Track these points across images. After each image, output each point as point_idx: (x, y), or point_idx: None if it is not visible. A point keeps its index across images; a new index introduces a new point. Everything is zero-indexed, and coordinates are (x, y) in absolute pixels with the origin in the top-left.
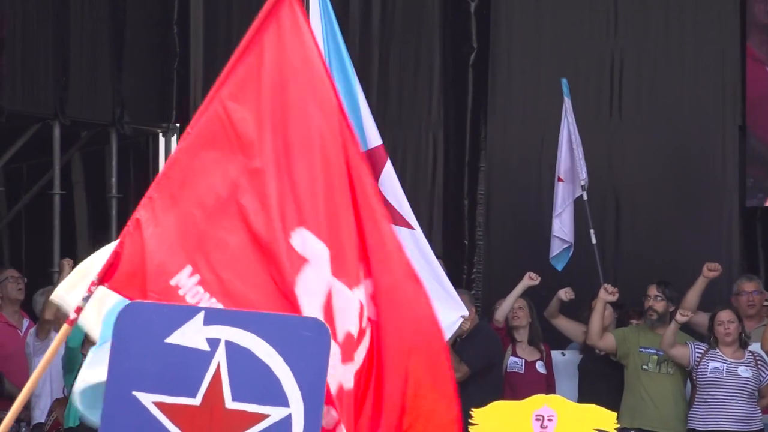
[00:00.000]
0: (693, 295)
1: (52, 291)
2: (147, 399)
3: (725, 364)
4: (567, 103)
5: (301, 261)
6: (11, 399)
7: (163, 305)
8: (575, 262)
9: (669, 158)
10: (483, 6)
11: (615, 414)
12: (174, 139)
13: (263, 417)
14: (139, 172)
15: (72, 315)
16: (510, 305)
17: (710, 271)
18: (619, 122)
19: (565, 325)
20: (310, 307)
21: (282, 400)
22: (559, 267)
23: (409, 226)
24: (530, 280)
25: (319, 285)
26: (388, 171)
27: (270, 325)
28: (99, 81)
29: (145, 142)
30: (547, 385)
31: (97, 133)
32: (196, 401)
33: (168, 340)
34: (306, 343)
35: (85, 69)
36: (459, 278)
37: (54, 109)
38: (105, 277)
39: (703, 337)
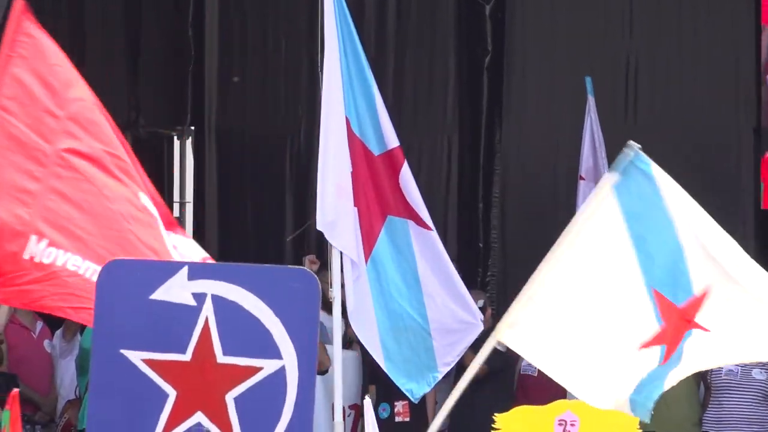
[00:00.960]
0: None
1: None
2: (135, 356)
3: (739, 367)
4: (591, 101)
5: (154, 219)
6: (25, 401)
7: (145, 261)
8: None
9: (683, 160)
10: (498, 9)
11: (637, 419)
12: (189, 141)
13: (256, 370)
14: (154, 175)
15: None
16: None
17: None
18: (633, 124)
19: None
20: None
21: (274, 352)
22: None
23: (427, 227)
24: None
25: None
26: (405, 172)
27: (256, 277)
28: (114, 84)
29: (160, 144)
30: (560, 389)
31: None
32: (186, 357)
33: (153, 296)
34: (294, 293)
35: (99, 72)
36: (474, 281)
37: None
38: None
39: None
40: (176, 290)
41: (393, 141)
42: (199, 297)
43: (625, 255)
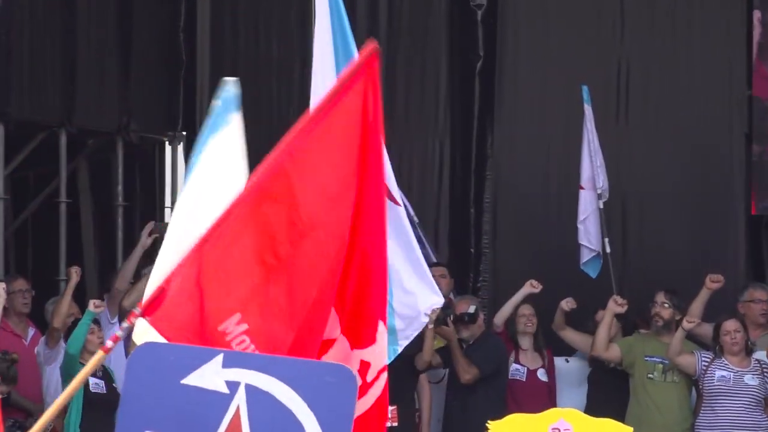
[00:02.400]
0: (697, 306)
1: (62, 299)
2: None
3: (732, 373)
4: (587, 110)
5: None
6: (18, 408)
7: (180, 346)
8: (578, 270)
9: (675, 166)
10: (490, 14)
11: (631, 429)
12: (180, 147)
13: None
14: (146, 181)
15: (109, 344)
16: (509, 311)
17: (713, 282)
18: (625, 130)
19: (572, 337)
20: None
21: None
22: (593, 274)
23: (395, 202)
24: (531, 287)
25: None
26: None
27: (292, 369)
28: (106, 89)
29: (152, 150)
30: (549, 394)
31: (104, 142)
32: None
33: (184, 381)
34: (329, 388)
35: (92, 77)
36: (465, 286)
37: (61, 117)
38: (147, 311)
39: (707, 347)
40: (209, 377)
41: None
42: (233, 385)
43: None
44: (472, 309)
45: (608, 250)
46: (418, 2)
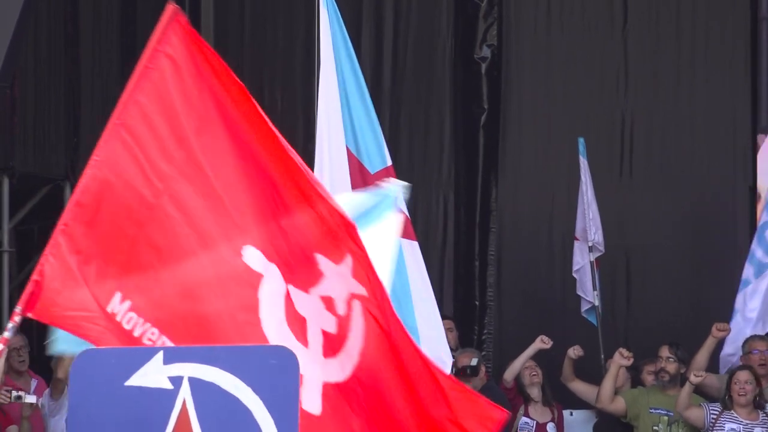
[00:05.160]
0: (702, 356)
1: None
2: None
3: (741, 425)
4: (583, 163)
5: (257, 277)
6: None
7: (120, 349)
8: (583, 322)
9: (680, 218)
10: (494, 67)
11: None
12: None
13: None
14: None
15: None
16: (520, 366)
17: (719, 331)
18: (630, 182)
19: (581, 388)
20: (276, 320)
21: (255, 430)
22: (595, 323)
23: (413, 238)
24: (542, 343)
25: (276, 296)
26: None
27: (233, 357)
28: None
29: None
30: None
31: None
32: None
33: (128, 383)
34: (273, 371)
35: (95, 130)
36: (470, 339)
37: (65, 171)
38: (27, 307)
39: (711, 398)
40: (152, 375)
41: (388, 159)
42: (176, 380)
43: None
44: (474, 362)
45: (596, 303)
46: (422, 54)
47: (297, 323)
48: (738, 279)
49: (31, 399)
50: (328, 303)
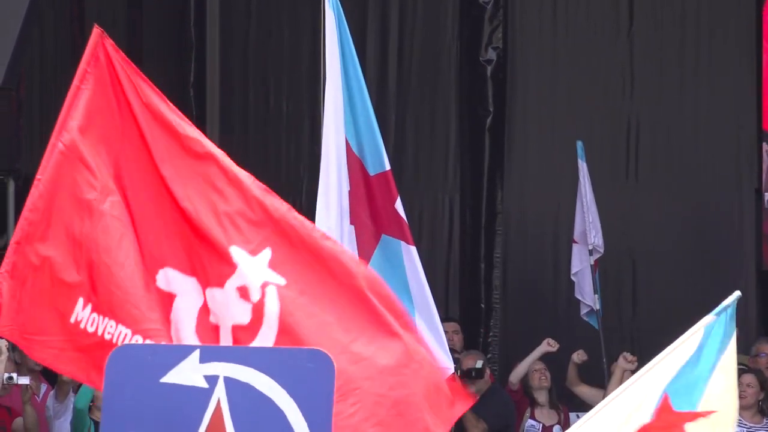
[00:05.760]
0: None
1: None
2: None
3: (744, 428)
4: (582, 165)
5: (170, 297)
6: None
7: (156, 345)
8: (588, 324)
9: (685, 220)
10: (499, 69)
11: None
12: None
13: None
14: None
15: None
16: (525, 369)
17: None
18: (635, 185)
19: (586, 392)
20: (185, 334)
21: None
22: (596, 326)
23: (411, 243)
24: (548, 346)
25: (189, 310)
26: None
27: (270, 358)
28: None
29: None
30: None
31: None
32: None
33: (163, 379)
34: (309, 374)
35: None
36: (476, 341)
37: None
38: None
39: None
40: (188, 373)
41: (387, 164)
42: (211, 379)
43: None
44: (479, 364)
45: (597, 307)
46: (428, 58)
47: (208, 332)
48: (743, 282)
49: (24, 380)
50: (243, 292)
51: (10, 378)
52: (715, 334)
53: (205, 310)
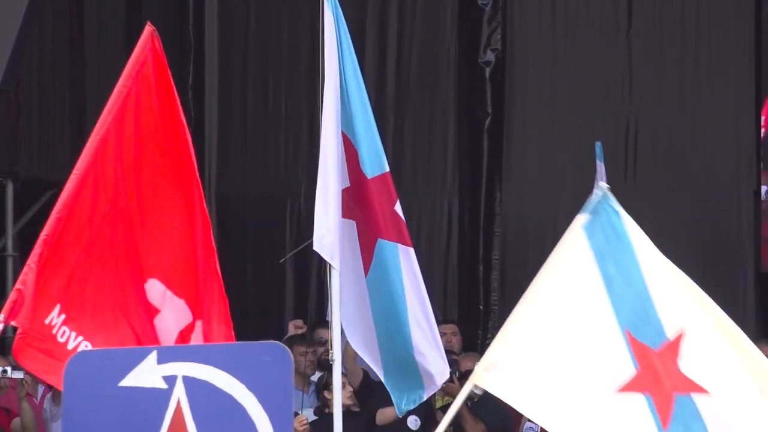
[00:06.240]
0: None
1: None
2: None
3: None
4: (599, 166)
5: (154, 311)
6: None
7: (113, 349)
8: None
9: (684, 222)
10: (498, 71)
11: None
12: None
13: None
14: None
15: None
16: None
17: None
18: (634, 186)
19: None
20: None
21: (249, 427)
22: None
23: (408, 244)
24: None
25: (170, 330)
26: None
27: (227, 354)
28: None
29: None
30: None
31: None
32: None
33: (122, 383)
34: (266, 367)
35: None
36: (474, 343)
37: (69, 175)
38: (10, 315)
39: None
40: (146, 375)
41: (386, 165)
42: (170, 379)
43: (597, 295)
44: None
45: None
46: (427, 59)
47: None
48: (742, 283)
49: (18, 374)
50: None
51: (4, 371)
52: (607, 237)
53: (188, 331)
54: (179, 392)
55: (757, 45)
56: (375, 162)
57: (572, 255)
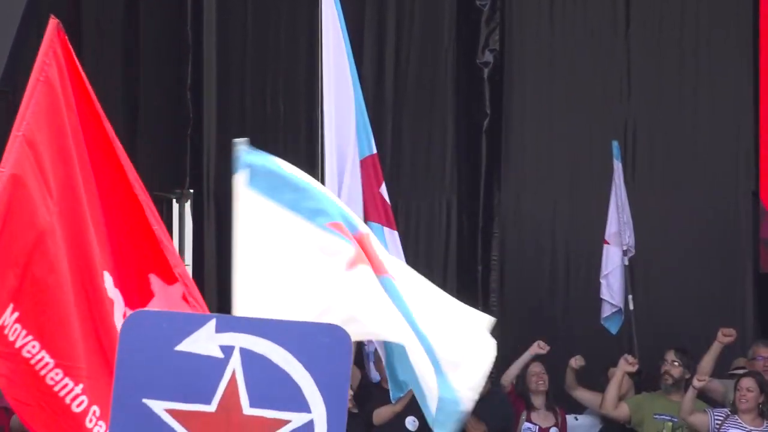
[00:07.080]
0: (708, 361)
1: None
2: (158, 406)
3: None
4: (617, 165)
5: (111, 303)
6: None
7: (171, 312)
8: (591, 326)
9: (683, 224)
10: (496, 71)
11: None
12: (188, 205)
13: (284, 423)
14: None
15: None
16: (516, 371)
17: (725, 336)
18: (632, 187)
19: (584, 396)
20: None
21: (303, 406)
22: (613, 330)
23: (394, 228)
24: (539, 348)
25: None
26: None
27: (286, 332)
28: None
29: (159, 207)
30: None
31: None
32: (211, 408)
33: (178, 348)
34: (325, 348)
35: None
36: None
37: None
38: None
39: (716, 404)
40: (203, 342)
41: (374, 147)
42: (227, 349)
43: (288, 220)
44: None
45: (631, 307)
46: (425, 60)
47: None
48: (741, 284)
49: None
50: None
51: None
52: (268, 176)
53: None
54: (235, 363)
55: (755, 44)
56: (364, 143)
57: (252, 211)
